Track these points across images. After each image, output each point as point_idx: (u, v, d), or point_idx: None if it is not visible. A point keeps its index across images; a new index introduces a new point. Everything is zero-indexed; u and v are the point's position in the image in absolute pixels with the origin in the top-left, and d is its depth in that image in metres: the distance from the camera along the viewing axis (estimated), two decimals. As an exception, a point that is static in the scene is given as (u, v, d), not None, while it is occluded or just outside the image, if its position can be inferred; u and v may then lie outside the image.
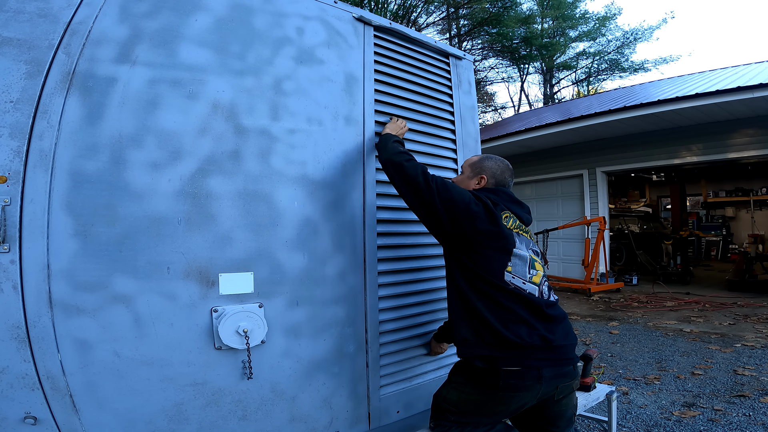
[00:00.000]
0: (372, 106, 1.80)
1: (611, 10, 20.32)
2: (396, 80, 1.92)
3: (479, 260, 1.42)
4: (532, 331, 1.37)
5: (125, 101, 1.26)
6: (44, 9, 1.20)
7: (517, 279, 1.42)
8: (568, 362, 1.41)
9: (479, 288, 1.41)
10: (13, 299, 1.10)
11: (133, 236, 1.25)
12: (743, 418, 2.71)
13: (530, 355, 1.35)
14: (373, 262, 1.71)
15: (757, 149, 6.63)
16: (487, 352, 1.37)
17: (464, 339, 1.42)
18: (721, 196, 12.45)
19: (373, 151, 1.77)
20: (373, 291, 1.70)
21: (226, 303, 1.38)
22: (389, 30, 1.93)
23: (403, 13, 17.09)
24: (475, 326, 1.40)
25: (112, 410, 1.21)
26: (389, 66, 1.91)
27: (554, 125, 7.88)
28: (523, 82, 23.19)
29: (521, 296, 1.40)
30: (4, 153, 1.11)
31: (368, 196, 1.73)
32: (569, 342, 1.43)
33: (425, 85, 2.03)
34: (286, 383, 1.50)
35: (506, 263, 1.43)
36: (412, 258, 1.89)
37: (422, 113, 2.00)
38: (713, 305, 6.22)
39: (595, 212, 8.34)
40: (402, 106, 1.93)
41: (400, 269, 1.83)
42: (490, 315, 1.38)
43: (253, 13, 1.53)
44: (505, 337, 1.35)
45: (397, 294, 1.81)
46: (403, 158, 1.54)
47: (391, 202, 1.81)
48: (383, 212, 1.78)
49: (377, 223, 1.75)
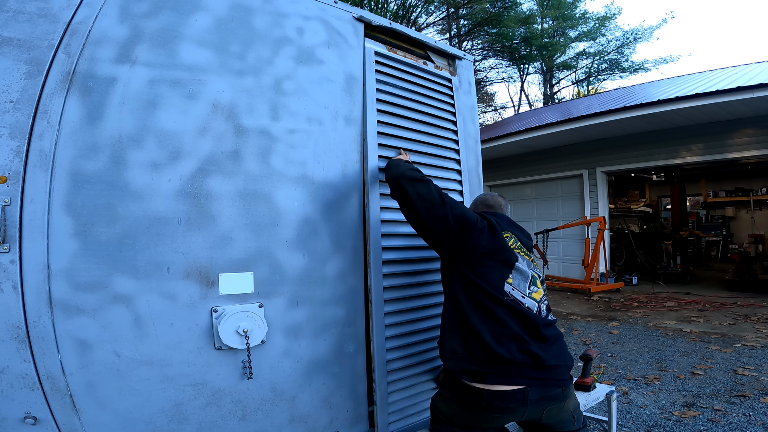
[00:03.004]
0: (374, 105, 1.80)
1: (611, 10, 20.32)
2: (397, 80, 1.92)
3: (481, 270, 1.43)
4: (523, 347, 1.34)
5: (125, 101, 1.27)
6: (44, 9, 1.20)
7: (516, 292, 1.42)
8: (557, 383, 1.37)
9: (477, 300, 1.40)
10: (13, 299, 1.10)
11: (133, 236, 1.25)
12: (743, 418, 2.71)
13: (519, 372, 1.32)
14: (378, 264, 1.71)
15: (757, 149, 6.62)
16: (475, 367, 1.34)
17: (454, 352, 1.40)
18: (721, 196, 12.44)
19: (373, 150, 1.76)
20: (378, 290, 1.70)
21: (226, 303, 1.38)
22: (389, 30, 1.93)
23: (403, 13, 17.08)
24: (467, 340, 1.38)
25: (112, 410, 1.21)
26: (390, 66, 1.91)
27: (554, 125, 7.88)
28: (523, 82, 23.20)
29: (518, 310, 1.39)
30: (4, 153, 1.11)
31: (369, 196, 1.73)
32: (562, 363, 1.40)
33: (426, 94, 2.03)
34: (286, 383, 1.50)
35: (507, 275, 1.44)
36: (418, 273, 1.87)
37: (425, 116, 2.00)
38: (713, 305, 6.21)
39: (595, 212, 8.34)
40: (403, 107, 1.93)
41: (406, 271, 1.82)
42: (484, 328, 1.36)
43: (253, 13, 1.53)
44: (495, 353, 1.32)
45: (402, 297, 1.80)
46: (418, 174, 1.56)
47: (393, 203, 1.81)
48: (387, 213, 1.78)
49: (381, 224, 1.75)
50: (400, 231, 1.82)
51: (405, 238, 1.83)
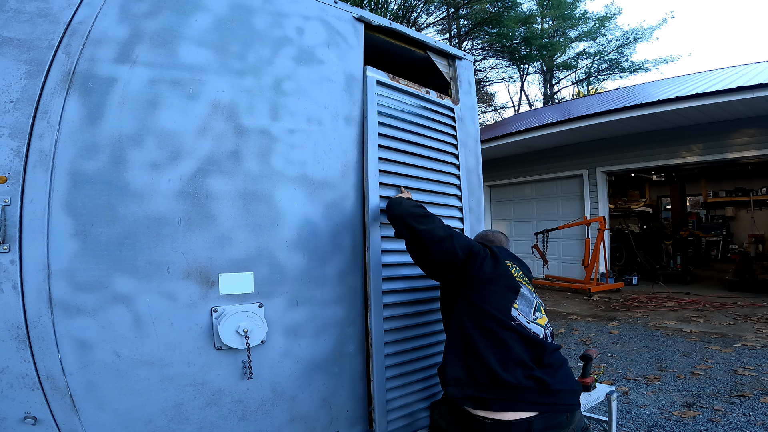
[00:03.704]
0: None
1: (611, 10, 20.32)
2: (399, 112, 1.90)
3: (487, 295, 1.44)
4: (528, 372, 1.33)
5: (125, 101, 1.27)
6: (44, 9, 1.20)
7: (521, 317, 1.43)
8: (563, 409, 1.34)
9: (483, 325, 1.39)
10: (13, 299, 1.10)
11: (133, 236, 1.25)
12: (743, 418, 2.71)
13: (524, 397, 1.30)
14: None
15: (757, 149, 6.62)
16: (479, 393, 1.31)
17: (456, 378, 1.37)
18: (721, 196, 12.44)
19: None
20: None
21: (226, 303, 1.38)
22: (389, 30, 1.93)
23: (403, 13, 17.08)
24: (470, 365, 1.36)
25: (112, 410, 1.21)
26: (392, 99, 1.88)
27: (554, 125, 7.88)
28: (523, 82, 23.20)
29: (525, 335, 1.38)
30: (4, 153, 1.11)
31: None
32: (568, 387, 1.37)
33: (428, 126, 2.01)
34: (286, 383, 1.50)
35: (513, 300, 1.45)
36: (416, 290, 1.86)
37: (427, 150, 1.98)
38: (713, 305, 6.21)
39: (595, 212, 8.34)
40: (405, 141, 1.90)
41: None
42: (489, 353, 1.34)
43: (253, 13, 1.53)
44: (501, 378, 1.30)
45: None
46: (422, 211, 1.57)
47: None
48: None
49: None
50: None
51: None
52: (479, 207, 2.22)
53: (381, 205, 1.73)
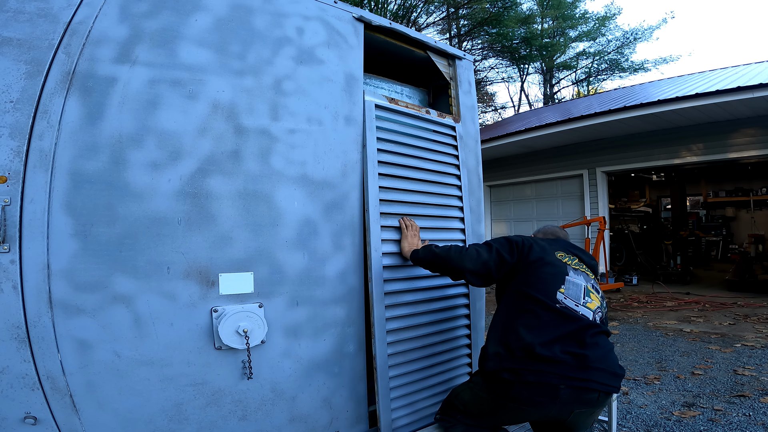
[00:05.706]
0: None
1: (611, 10, 20.34)
2: (398, 135, 1.88)
3: (533, 279, 1.49)
4: (567, 349, 1.35)
5: (125, 101, 1.27)
6: (44, 9, 1.20)
7: (569, 300, 1.45)
8: (597, 387, 1.33)
9: (525, 308, 1.44)
10: (13, 299, 1.10)
11: (133, 236, 1.25)
12: (743, 418, 2.71)
13: (559, 370, 1.32)
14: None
15: (757, 149, 6.62)
16: (515, 365, 1.36)
17: (497, 353, 1.42)
18: (721, 196, 12.44)
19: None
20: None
21: (226, 303, 1.38)
22: (389, 30, 1.92)
23: (403, 13, 17.09)
24: (509, 342, 1.41)
25: (112, 410, 1.21)
26: (392, 121, 1.87)
27: (554, 125, 7.88)
28: (523, 82, 23.20)
29: (569, 317, 1.41)
30: (4, 153, 1.11)
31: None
32: (607, 367, 1.36)
33: (429, 148, 1.98)
34: (286, 383, 1.50)
35: (560, 285, 1.48)
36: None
37: (427, 174, 1.96)
38: (713, 305, 6.21)
39: (595, 212, 8.34)
40: (405, 167, 1.89)
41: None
42: (527, 333, 1.39)
43: (253, 13, 1.53)
44: (536, 353, 1.34)
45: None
46: (453, 250, 1.61)
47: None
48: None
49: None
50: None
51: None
52: (479, 207, 2.22)
53: (384, 249, 1.74)
